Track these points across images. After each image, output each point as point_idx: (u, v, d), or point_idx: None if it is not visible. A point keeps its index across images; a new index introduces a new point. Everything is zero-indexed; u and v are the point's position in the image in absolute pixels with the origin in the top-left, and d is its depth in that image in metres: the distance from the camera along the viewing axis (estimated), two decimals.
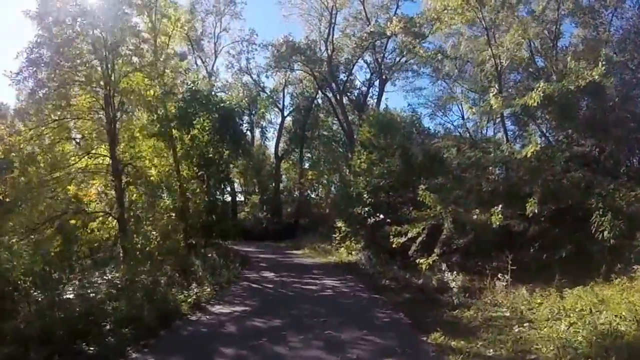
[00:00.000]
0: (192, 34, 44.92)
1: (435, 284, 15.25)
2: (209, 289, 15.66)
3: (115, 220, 20.84)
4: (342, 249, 26.66)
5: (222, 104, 28.43)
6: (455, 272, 14.78)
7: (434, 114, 44.33)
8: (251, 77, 50.36)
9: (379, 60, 45.41)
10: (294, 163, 51.83)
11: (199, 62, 48.38)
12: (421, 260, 16.43)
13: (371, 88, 47.48)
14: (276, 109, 53.15)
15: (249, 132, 52.52)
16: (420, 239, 17.23)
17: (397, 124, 25.78)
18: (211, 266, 19.83)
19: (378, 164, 23.11)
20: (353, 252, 25.73)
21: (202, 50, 49.20)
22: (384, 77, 45.42)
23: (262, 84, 50.99)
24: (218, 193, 30.47)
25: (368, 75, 47.81)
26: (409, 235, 17.34)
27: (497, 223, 14.87)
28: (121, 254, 19.85)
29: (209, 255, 22.44)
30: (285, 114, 52.37)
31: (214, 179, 28.79)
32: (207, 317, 12.17)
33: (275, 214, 47.05)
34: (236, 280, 18.90)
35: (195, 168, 28.25)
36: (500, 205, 14.80)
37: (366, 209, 22.56)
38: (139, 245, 19.52)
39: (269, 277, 19.81)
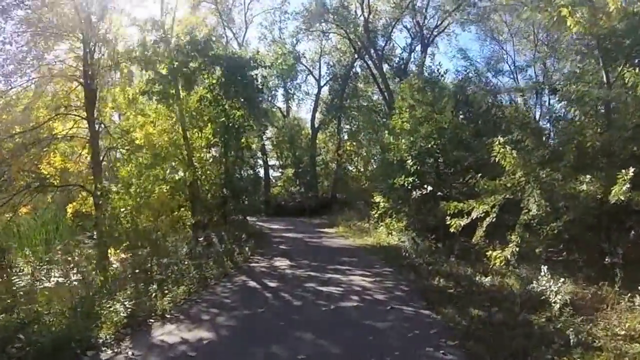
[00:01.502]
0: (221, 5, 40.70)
1: (518, 290, 9.44)
2: (180, 290, 10.46)
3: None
4: (381, 228, 20.88)
5: (232, 56, 22.81)
6: (549, 273, 8.75)
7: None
8: (285, 47, 45.11)
9: (420, 23, 39.65)
10: (331, 134, 45.95)
11: (229, 33, 43.68)
12: (494, 253, 10.61)
13: (412, 54, 41.48)
14: (312, 79, 47.66)
15: (282, 103, 47.54)
16: (488, 219, 11.34)
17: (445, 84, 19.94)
18: (205, 253, 14.54)
19: (425, 122, 17.07)
20: (394, 233, 20.02)
21: (233, 21, 44.00)
22: (426, 40, 39.54)
23: (297, 54, 45.75)
24: (237, 164, 24.85)
25: (409, 41, 41.97)
26: (474, 214, 11.46)
27: (621, 197, 8.75)
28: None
29: (212, 236, 16.85)
30: (322, 83, 46.79)
31: (228, 147, 23.37)
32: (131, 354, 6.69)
33: (311, 188, 41.55)
34: (233, 273, 13.48)
35: (209, 135, 23.14)
36: (632, 170, 8.61)
37: (410, 179, 16.61)
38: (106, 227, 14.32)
39: (280, 269, 14.09)
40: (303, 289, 10.99)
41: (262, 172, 45.79)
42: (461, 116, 18.05)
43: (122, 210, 15.45)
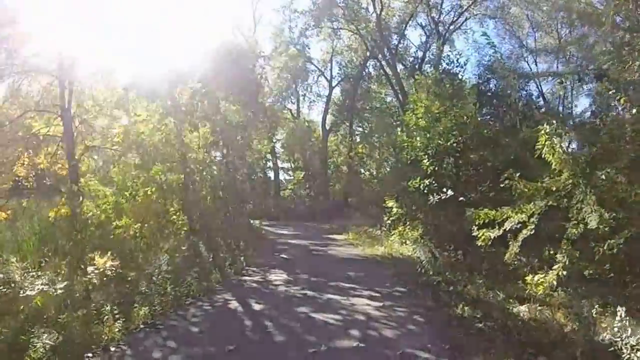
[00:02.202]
0: None
1: (573, 327, 7.04)
2: (142, 313, 8.43)
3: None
4: (394, 236, 18.46)
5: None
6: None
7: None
8: (296, 48, 43.06)
9: (435, 19, 36.96)
10: (343, 136, 43.53)
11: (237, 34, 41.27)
12: (535, 277, 8.23)
13: (427, 52, 38.74)
14: (324, 80, 45.15)
15: (292, 105, 45.35)
16: (525, 232, 8.92)
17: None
18: (190, 264, 12.31)
19: (442, 118, 14.65)
20: (408, 242, 17.62)
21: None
22: (441, 38, 36.96)
23: (308, 54, 43.83)
24: (239, 165, 22.64)
25: (424, 39, 39.13)
26: (507, 225, 9.04)
27: None
28: None
29: (200, 245, 14.61)
30: (334, 84, 44.30)
31: (228, 147, 21.22)
32: None
33: (321, 192, 39.24)
34: (218, 289, 11.21)
35: (207, 135, 21.00)
36: None
37: (426, 181, 14.19)
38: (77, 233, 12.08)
39: (274, 285, 11.72)
40: (293, 316, 8.58)
41: (272, 176, 43.91)
42: (485, 110, 15.57)
43: (91, 214, 13.19)
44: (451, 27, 36.98)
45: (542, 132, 8.39)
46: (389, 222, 18.17)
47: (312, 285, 11.50)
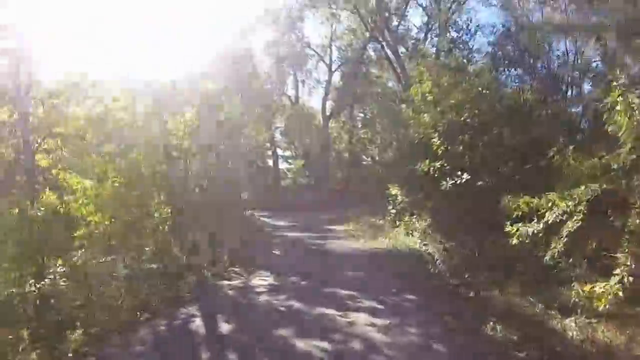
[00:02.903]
0: None
1: None
2: (74, 338, 6.44)
3: None
4: (399, 227, 16.27)
5: None
6: None
7: None
8: (294, 33, 41.22)
9: None
10: (344, 122, 41.16)
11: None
12: (595, 287, 6.04)
13: (429, 33, 35.99)
14: (323, 66, 42.64)
15: (292, 90, 43.02)
16: (571, 224, 6.69)
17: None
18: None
19: (454, 90, 12.34)
20: (415, 233, 15.43)
21: None
22: (442, 19, 34.36)
23: (306, 39, 41.82)
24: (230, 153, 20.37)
25: (425, 19, 35.97)
26: (550, 217, 6.81)
27: None
28: None
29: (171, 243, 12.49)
30: (333, 69, 41.88)
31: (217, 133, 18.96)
32: None
33: (322, 180, 36.96)
34: (187, 299, 9.09)
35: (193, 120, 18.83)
36: None
37: (436, 164, 11.86)
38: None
39: (255, 293, 9.47)
40: (267, 347, 6.32)
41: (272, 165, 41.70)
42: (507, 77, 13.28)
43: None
44: (454, 5, 34.35)
45: (615, 83, 6.06)
46: (393, 211, 15.93)
47: (301, 292, 9.29)
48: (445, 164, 11.91)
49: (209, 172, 18.86)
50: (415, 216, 14.76)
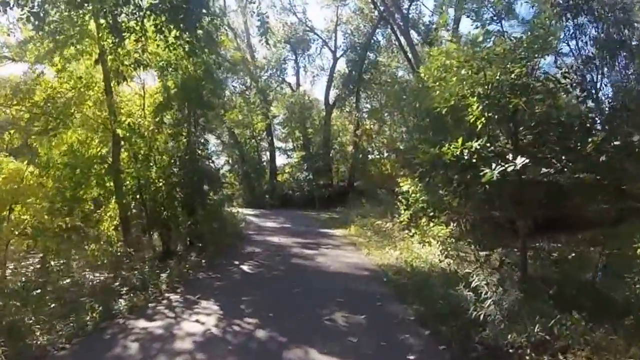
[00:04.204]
0: None
1: None
2: None
3: None
4: (412, 234, 12.15)
5: None
6: None
7: None
8: (296, 16, 37.77)
9: None
10: (348, 113, 36.85)
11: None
12: None
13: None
14: (327, 52, 39.19)
15: (292, 77, 39.04)
16: None
17: None
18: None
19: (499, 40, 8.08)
20: (434, 241, 11.35)
21: None
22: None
23: (309, 23, 38.32)
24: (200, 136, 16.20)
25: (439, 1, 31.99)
26: None
27: None
28: None
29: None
30: (338, 55, 37.72)
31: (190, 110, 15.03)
32: None
33: (322, 175, 32.73)
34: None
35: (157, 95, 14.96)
36: None
37: (475, 144, 7.60)
38: None
39: (168, 356, 5.34)
40: None
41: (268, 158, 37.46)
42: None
43: None
44: None
45: None
46: (406, 213, 11.78)
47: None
48: (488, 145, 7.77)
49: (174, 161, 14.84)
50: (434, 219, 10.61)
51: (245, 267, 10.79)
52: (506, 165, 6.99)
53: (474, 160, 7.76)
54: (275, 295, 8.04)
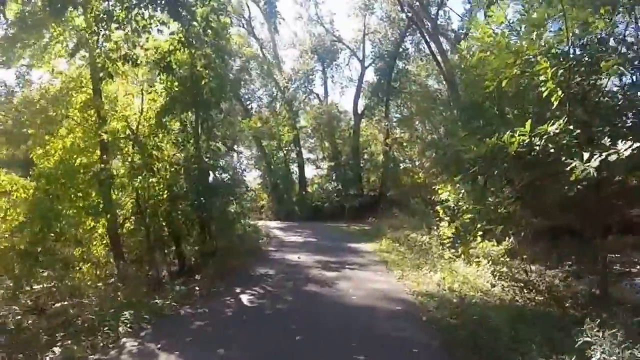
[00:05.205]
0: None
1: None
2: None
3: None
4: (459, 253, 9.63)
5: None
6: None
7: None
8: (323, 27, 36.07)
9: None
10: (377, 122, 34.34)
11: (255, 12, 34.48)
12: None
13: (472, 22, 28.62)
14: (355, 62, 36.89)
15: (320, 87, 37.09)
16: None
17: None
18: None
19: None
20: (484, 259, 8.86)
21: None
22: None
23: (336, 33, 36.50)
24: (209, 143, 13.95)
25: (467, 7, 29.14)
26: None
27: None
28: None
29: None
30: (366, 64, 35.39)
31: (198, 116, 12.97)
32: None
33: (351, 185, 30.27)
34: None
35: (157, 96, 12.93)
36: None
37: (553, 128, 5.13)
38: None
39: None
40: None
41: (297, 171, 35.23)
42: None
43: None
44: None
45: None
46: (450, 227, 9.29)
47: None
48: (570, 126, 5.31)
49: (179, 174, 12.72)
50: (488, 234, 8.09)
51: (245, 298, 8.40)
52: (608, 153, 4.51)
53: (551, 151, 5.30)
54: (267, 348, 5.62)
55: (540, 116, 5.65)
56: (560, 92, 5.40)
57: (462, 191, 9.40)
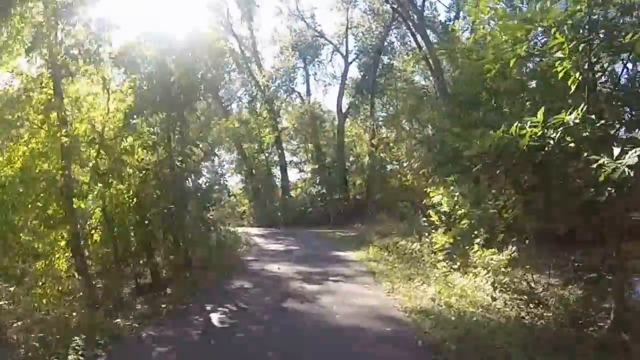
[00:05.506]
0: None
1: None
2: None
3: None
4: (457, 265, 8.70)
5: None
6: None
7: None
8: (304, 21, 34.46)
9: None
10: (363, 119, 33.39)
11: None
12: None
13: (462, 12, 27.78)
14: (338, 58, 35.54)
15: (302, 85, 36.02)
16: None
17: None
18: None
19: None
20: (483, 270, 7.93)
21: None
22: None
23: (318, 28, 34.72)
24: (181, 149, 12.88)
25: None
26: None
27: None
28: None
29: None
30: (350, 60, 34.07)
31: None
32: None
33: (335, 189, 29.26)
34: None
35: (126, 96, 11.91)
36: None
37: (572, 117, 4.22)
38: None
39: None
40: None
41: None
42: None
43: None
44: None
45: None
46: (446, 236, 8.39)
47: None
48: (589, 110, 4.44)
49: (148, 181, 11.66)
50: (490, 243, 7.18)
51: (215, 317, 7.37)
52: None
53: (571, 145, 4.40)
54: None
55: (551, 107, 4.74)
56: (578, 74, 4.50)
57: (458, 194, 8.51)
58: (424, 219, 11.73)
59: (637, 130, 4.39)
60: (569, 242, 7.20)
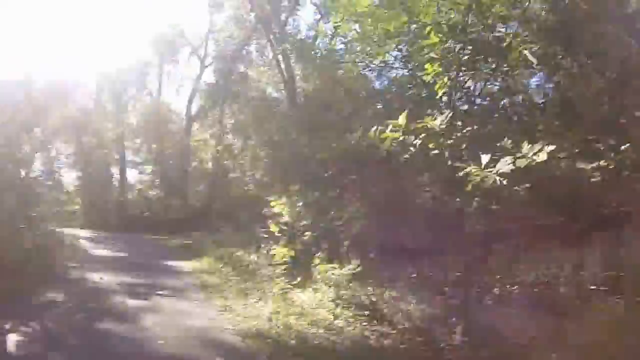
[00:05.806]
0: None
1: None
2: None
3: None
4: (297, 281, 8.06)
5: None
6: None
7: None
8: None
9: None
10: (211, 125, 32.15)
11: None
12: None
13: (320, 34, 28.24)
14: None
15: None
16: None
17: None
18: None
19: None
20: (324, 285, 7.46)
21: None
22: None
23: (178, 27, 32.55)
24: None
25: (318, 17, 28.59)
26: None
27: None
28: None
29: None
30: (207, 64, 32.98)
31: None
32: None
33: (177, 194, 27.64)
34: None
35: None
36: None
37: (437, 122, 3.76)
38: None
39: None
40: None
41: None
42: None
43: None
44: None
45: None
46: (286, 251, 7.74)
47: None
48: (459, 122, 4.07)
49: None
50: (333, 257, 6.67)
51: (11, 342, 5.72)
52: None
53: (435, 152, 3.93)
54: None
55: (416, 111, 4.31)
56: (445, 80, 4.09)
57: (301, 204, 7.92)
58: (263, 229, 11.09)
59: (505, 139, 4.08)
60: (418, 254, 6.95)
